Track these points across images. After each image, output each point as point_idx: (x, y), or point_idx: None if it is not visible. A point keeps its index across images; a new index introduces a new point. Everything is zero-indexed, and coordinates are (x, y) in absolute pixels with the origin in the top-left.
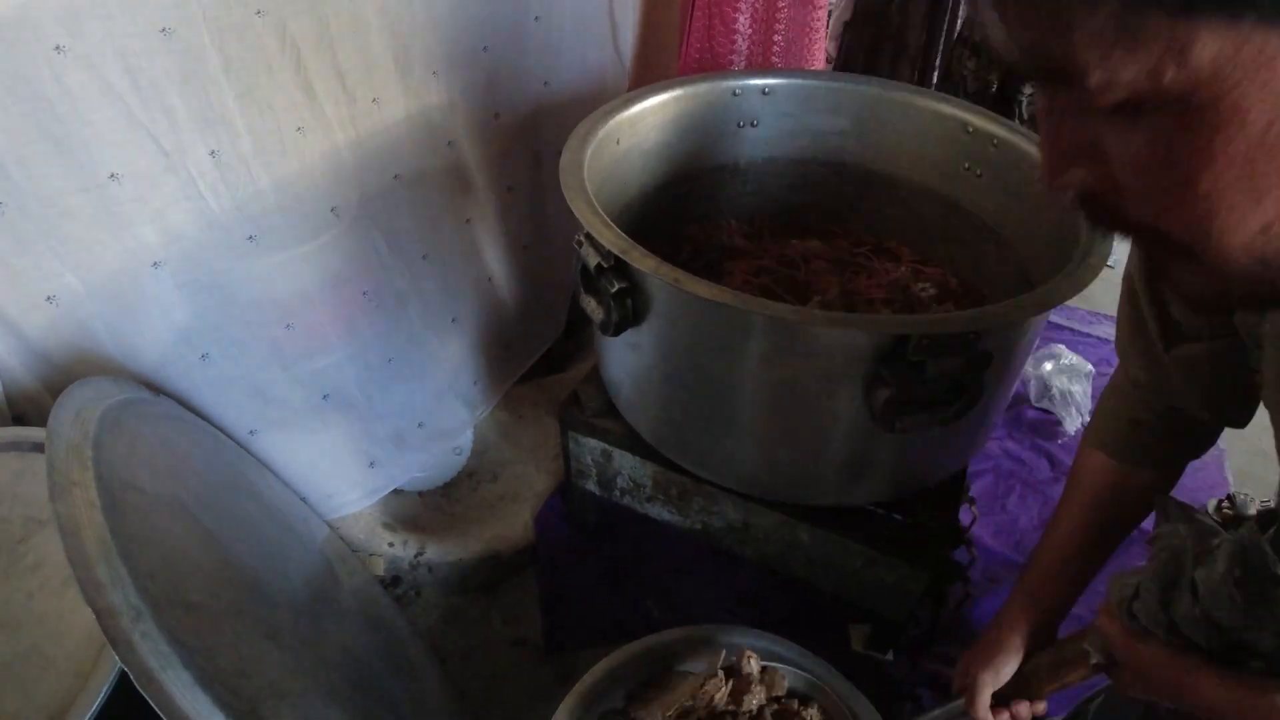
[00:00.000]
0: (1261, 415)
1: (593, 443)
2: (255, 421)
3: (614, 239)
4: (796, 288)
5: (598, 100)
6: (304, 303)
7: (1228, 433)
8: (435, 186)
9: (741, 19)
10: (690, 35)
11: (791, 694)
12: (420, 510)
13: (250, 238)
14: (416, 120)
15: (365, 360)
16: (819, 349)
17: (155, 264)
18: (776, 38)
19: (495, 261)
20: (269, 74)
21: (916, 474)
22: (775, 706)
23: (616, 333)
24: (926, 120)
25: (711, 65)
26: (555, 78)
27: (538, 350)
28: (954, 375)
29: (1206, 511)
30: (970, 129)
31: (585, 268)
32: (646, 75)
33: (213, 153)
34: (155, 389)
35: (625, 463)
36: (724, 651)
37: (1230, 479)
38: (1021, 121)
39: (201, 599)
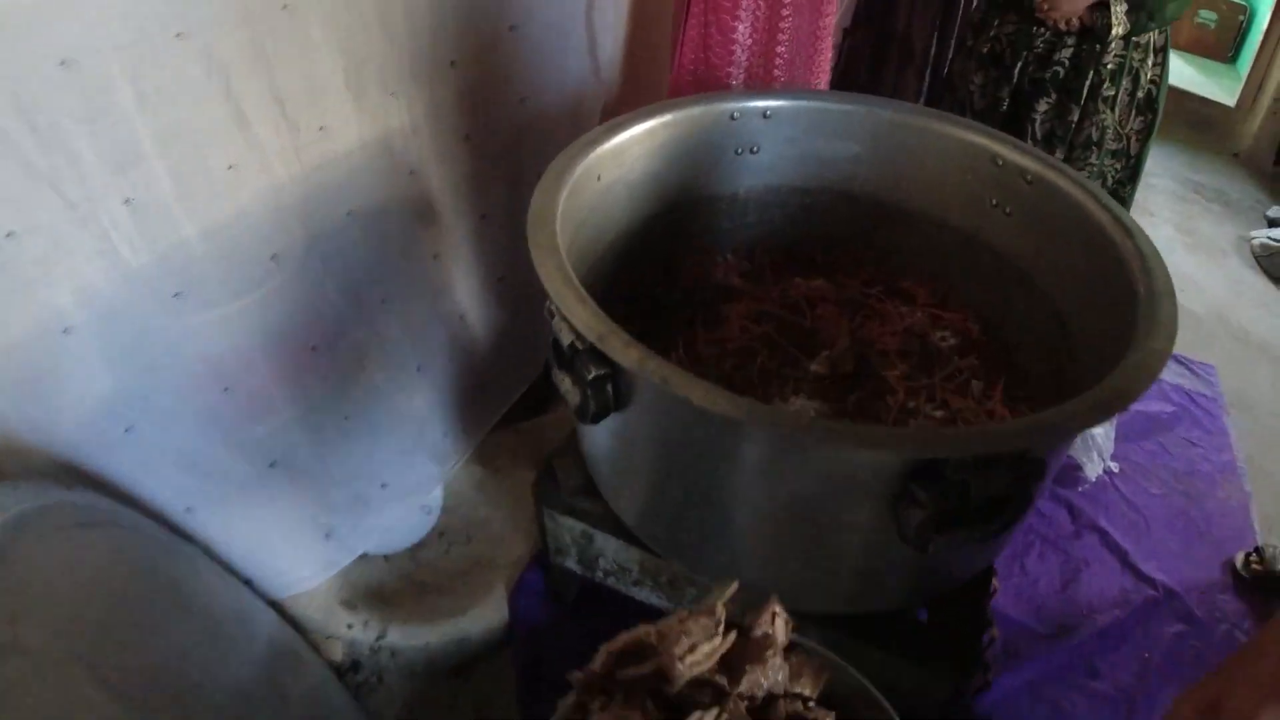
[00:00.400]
0: None
1: (571, 522)
2: (191, 498)
3: (589, 320)
4: (801, 336)
5: (578, 117)
6: (243, 363)
7: (1254, 474)
8: (396, 221)
9: (741, 27)
10: (684, 45)
11: (827, 701)
12: (385, 577)
13: (177, 294)
14: (373, 148)
15: (317, 421)
16: (836, 464)
17: (66, 330)
18: (780, 49)
19: (467, 298)
20: (193, 106)
21: (943, 579)
22: (797, 706)
23: (595, 421)
24: (949, 149)
25: (707, 78)
26: (534, 94)
27: (516, 390)
28: (1001, 492)
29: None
30: (1000, 161)
31: (558, 342)
32: (637, 90)
33: (128, 201)
34: (74, 471)
35: (608, 546)
36: (737, 588)
37: (1257, 527)
38: (1035, 143)
39: None
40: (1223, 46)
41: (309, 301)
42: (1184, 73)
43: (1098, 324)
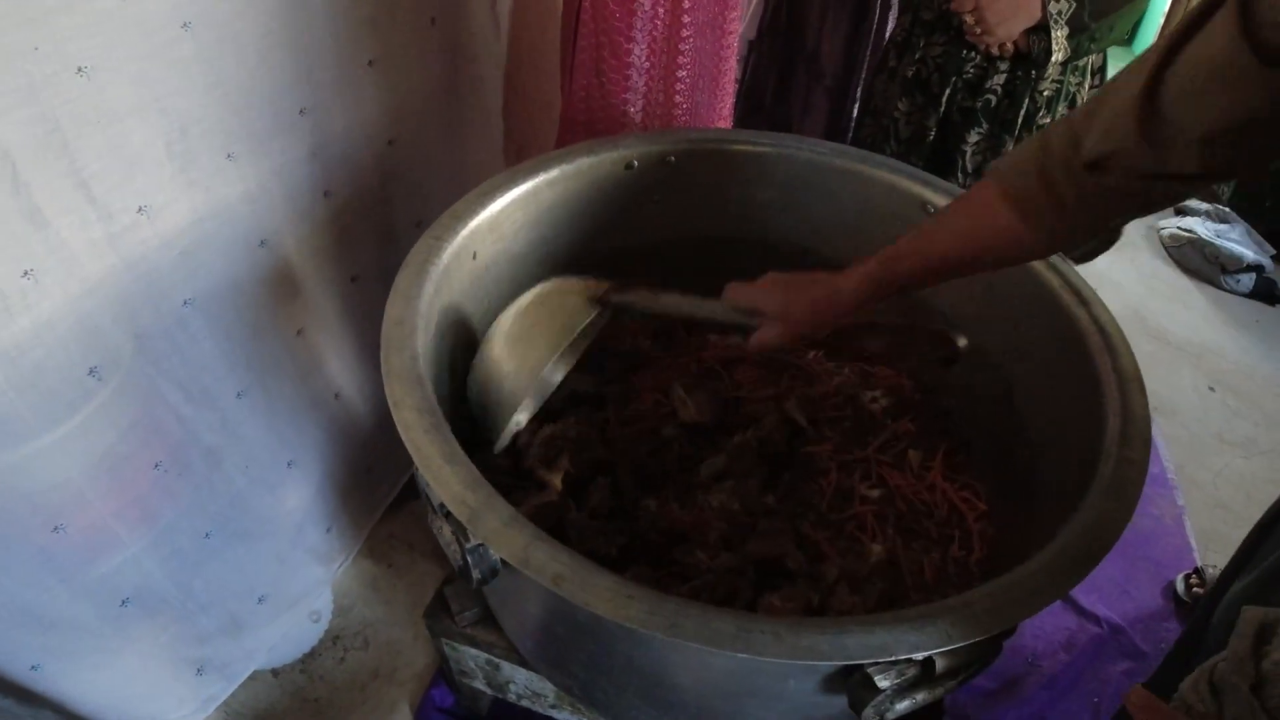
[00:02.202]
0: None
1: (474, 652)
2: (35, 655)
3: (459, 491)
4: (722, 411)
5: (465, 150)
6: (72, 497)
7: (1185, 485)
8: (247, 302)
9: (636, 50)
10: (574, 70)
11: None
12: (275, 697)
13: None
14: (210, 223)
15: (172, 545)
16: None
17: None
18: (680, 73)
19: (342, 373)
20: None
21: None
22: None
23: (481, 585)
24: (873, 194)
25: (603, 108)
26: (403, 132)
27: (406, 470)
28: (970, 661)
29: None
30: (930, 208)
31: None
32: (523, 118)
33: None
34: None
35: (518, 675)
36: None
37: (1194, 543)
38: (965, 177)
39: None
40: None
41: (144, 414)
42: None
43: (1052, 400)
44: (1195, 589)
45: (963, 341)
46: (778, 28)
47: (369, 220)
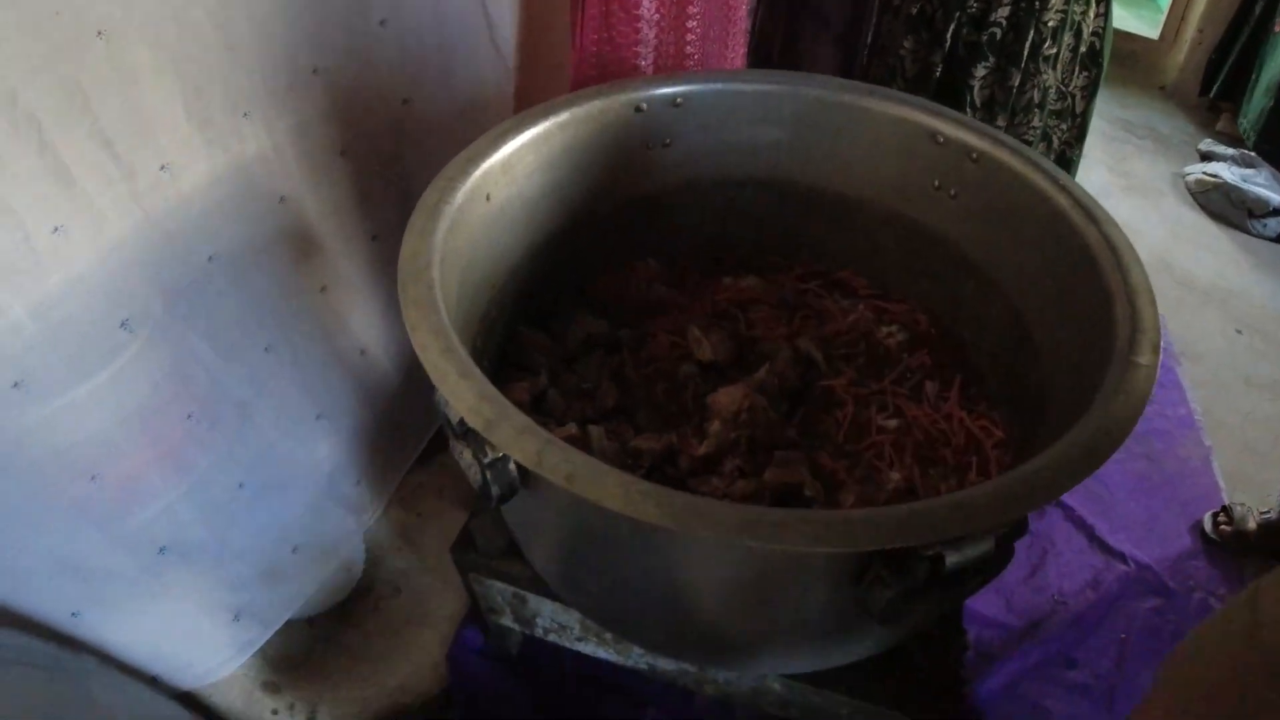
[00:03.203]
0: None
1: (500, 585)
2: (75, 602)
3: (474, 403)
4: (738, 350)
5: (479, 111)
6: (107, 448)
7: (1211, 427)
8: (270, 258)
9: (646, 3)
10: (584, 24)
11: None
12: (311, 644)
13: (15, 384)
14: (229, 181)
15: (207, 495)
16: (788, 556)
17: None
18: (690, 23)
19: (366, 329)
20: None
21: (915, 628)
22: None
23: (500, 504)
24: (882, 127)
25: (614, 62)
26: (418, 92)
27: (433, 423)
28: (979, 559)
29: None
30: (940, 138)
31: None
32: (535, 80)
33: None
34: None
35: (543, 607)
36: None
37: (1222, 484)
38: (974, 112)
39: None
40: None
41: (175, 367)
42: None
43: (1063, 324)
44: (1223, 526)
45: None
46: None
47: (386, 179)
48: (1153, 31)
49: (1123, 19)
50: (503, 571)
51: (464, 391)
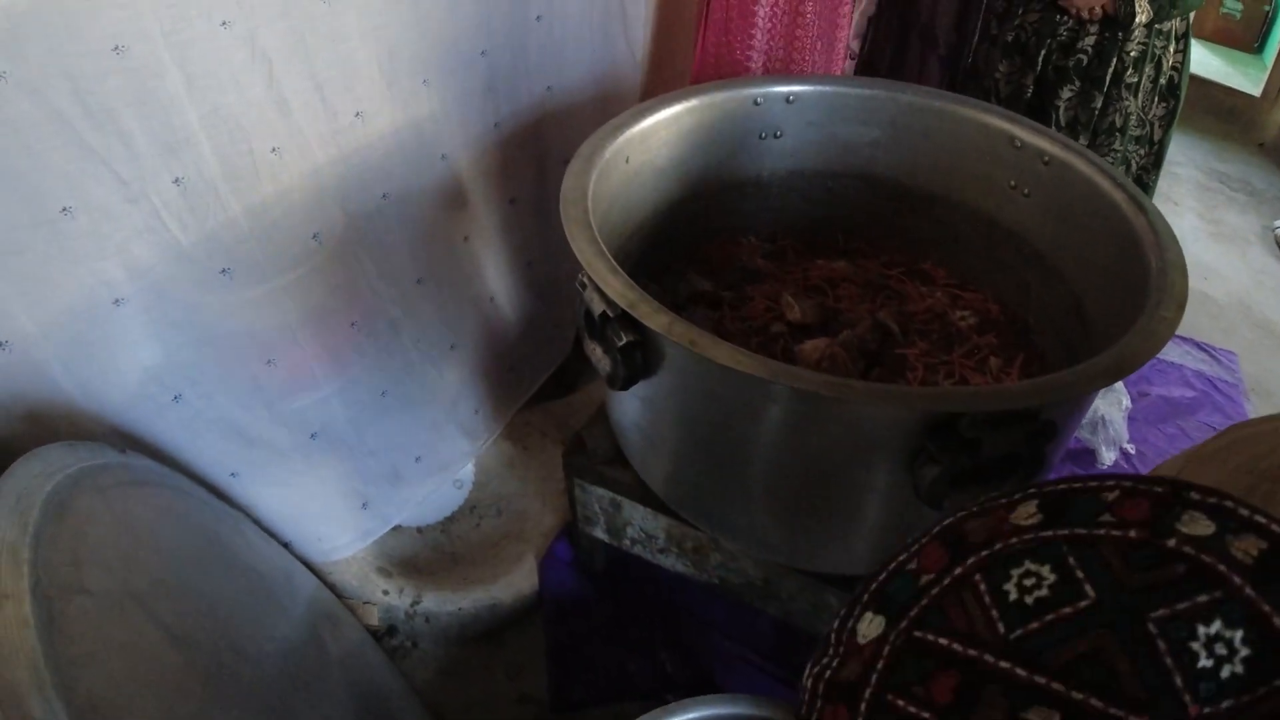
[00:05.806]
0: None
1: (600, 491)
2: (236, 464)
3: (621, 290)
4: (824, 316)
5: (608, 103)
6: (286, 337)
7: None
8: (428, 204)
9: (761, 12)
10: (706, 31)
11: None
12: (419, 548)
13: (224, 270)
14: (405, 133)
15: (355, 394)
16: (855, 422)
17: (117, 301)
18: (799, 32)
19: (497, 280)
20: (237, 90)
21: None
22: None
23: (625, 387)
24: (967, 132)
25: (728, 64)
26: (560, 81)
27: (545, 372)
28: (1012, 450)
29: None
30: (1018, 143)
31: (589, 313)
32: (660, 75)
33: (177, 180)
34: (126, 436)
35: (635, 514)
36: None
37: None
38: (1059, 130)
39: None
40: (1248, 36)
41: (348, 279)
42: (1210, 63)
43: (1112, 303)
44: None
45: None
46: (894, 2)
47: (527, 152)
48: (1255, 89)
49: (1227, 75)
50: (607, 476)
51: (613, 281)
